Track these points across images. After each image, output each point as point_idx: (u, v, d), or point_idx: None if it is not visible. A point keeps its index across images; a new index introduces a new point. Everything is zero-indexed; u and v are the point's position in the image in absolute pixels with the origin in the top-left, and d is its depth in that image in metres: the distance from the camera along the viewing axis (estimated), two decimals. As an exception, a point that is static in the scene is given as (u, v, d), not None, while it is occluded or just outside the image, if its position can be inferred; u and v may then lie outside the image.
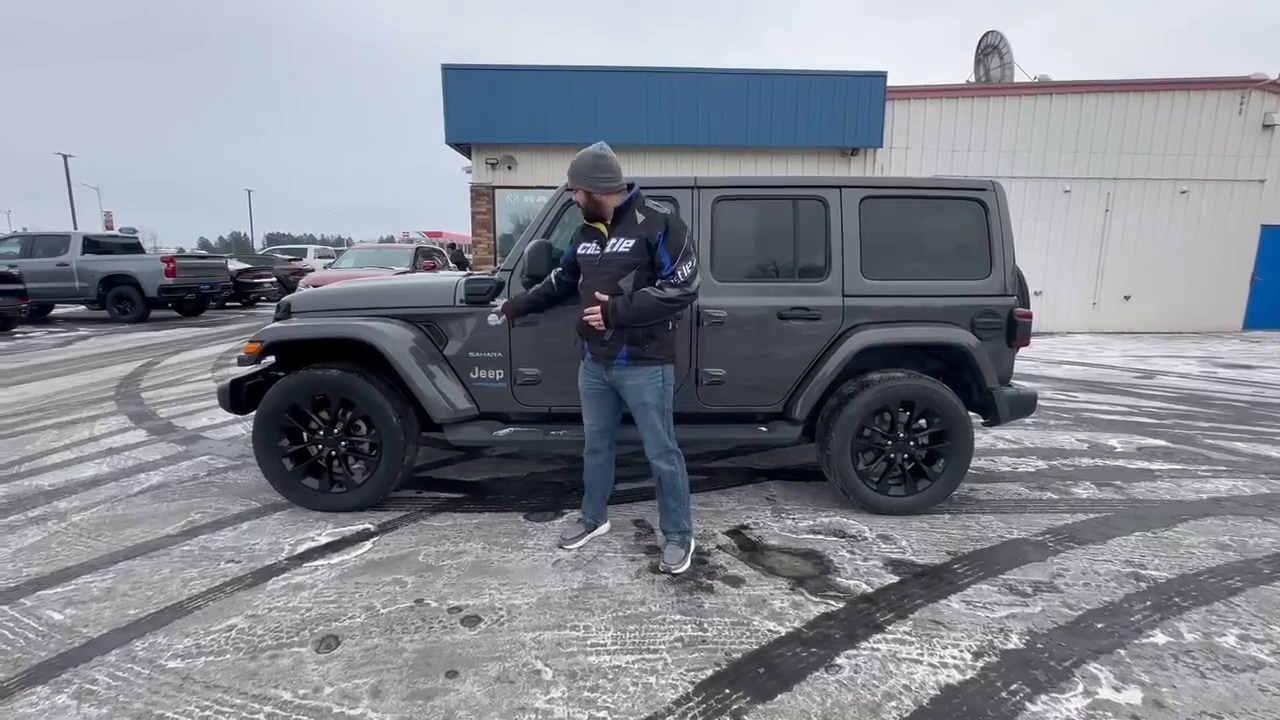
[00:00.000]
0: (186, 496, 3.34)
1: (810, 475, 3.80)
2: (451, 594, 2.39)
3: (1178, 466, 4.05)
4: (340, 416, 3.10)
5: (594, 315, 2.45)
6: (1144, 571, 2.65)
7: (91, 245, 12.66)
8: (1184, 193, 11.72)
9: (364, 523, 3.02)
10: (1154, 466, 4.05)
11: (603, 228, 2.52)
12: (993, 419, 3.24)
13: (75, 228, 27.53)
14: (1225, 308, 12.15)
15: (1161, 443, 4.60)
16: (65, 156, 35.45)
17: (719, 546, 2.84)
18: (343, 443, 3.10)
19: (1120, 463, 4.13)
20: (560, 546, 2.78)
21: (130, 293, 12.26)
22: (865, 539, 2.94)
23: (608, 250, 2.49)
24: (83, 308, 13.40)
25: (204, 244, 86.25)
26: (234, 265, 16.02)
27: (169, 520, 3.04)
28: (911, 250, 3.22)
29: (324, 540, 2.84)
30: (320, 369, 3.03)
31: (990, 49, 14.44)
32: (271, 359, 3.37)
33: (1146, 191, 11.68)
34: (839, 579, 2.57)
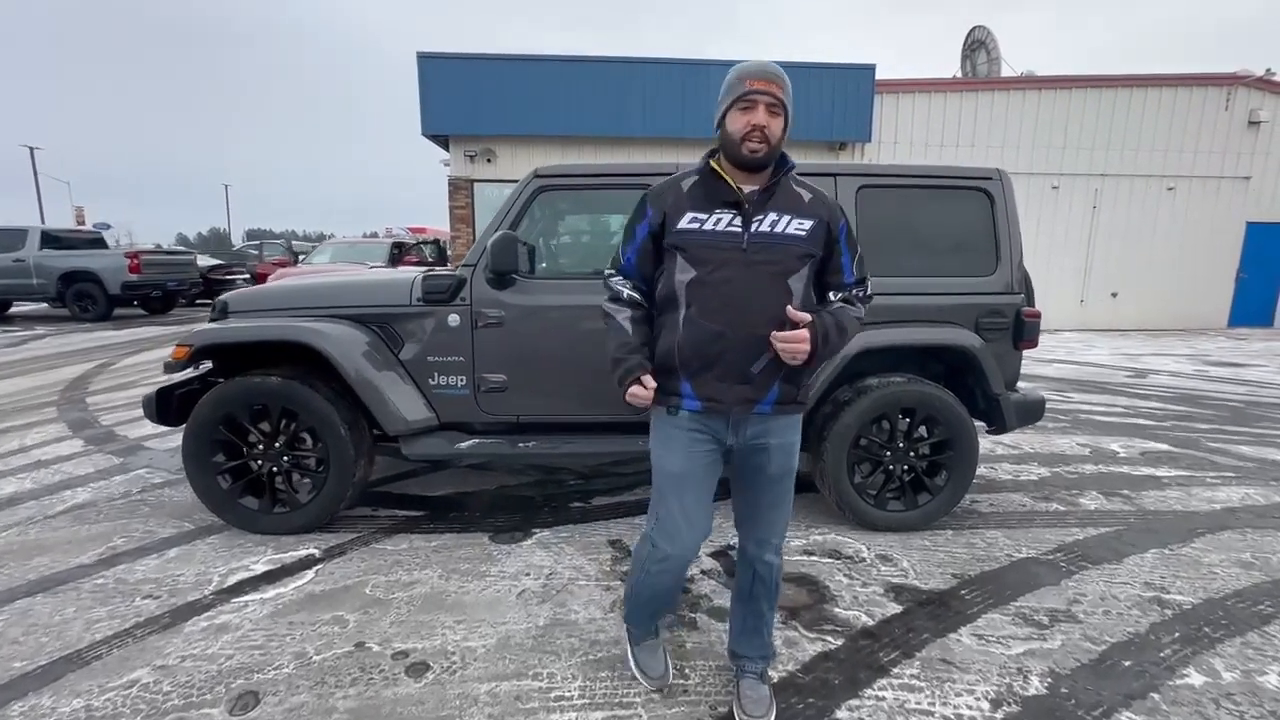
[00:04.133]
0: (112, 518, 3.00)
1: (802, 486, 3.52)
2: (398, 635, 2.10)
3: (1184, 473, 3.85)
4: (283, 429, 2.78)
5: (799, 343, 1.49)
6: (1167, 596, 2.42)
7: (51, 240, 12.11)
8: (1171, 189, 11.66)
9: (309, 547, 2.71)
10: (1160, 473, 3.85)
11: (738, 188, 1.56)
12: (999, 426, 3.00)
13: (43, 222, 26.53)
14: (1211, 305, 12.13)
15: (1164, 447, 4.41)
16: (32, 149, 34.33)
17: (703, 572, 2.57)
18: (285, 458, 2.78)
19: (1125, 469, 3.93)
20: (659, 691, 1.84)
21: (92, 290, 11.72)
22: (863, 560, 2.69)
23: (764, 229, 1.55)
24: (45, 306, 12.84)
25: (182, 240, 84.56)
26: (205, 261, 15.48)
27: (86, 546, 2.70)
28: (911, 244, 2.96)
29: (260, 569, 2.52)
30: (259, 376, 2.71)
31: (977, 44, 14.32)
32: (208, 364, 3.04)
33: (1134, 188, 11.59)
34: (836, 609, 2.31)
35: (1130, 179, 11.56)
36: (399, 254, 11.83)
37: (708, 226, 1.56)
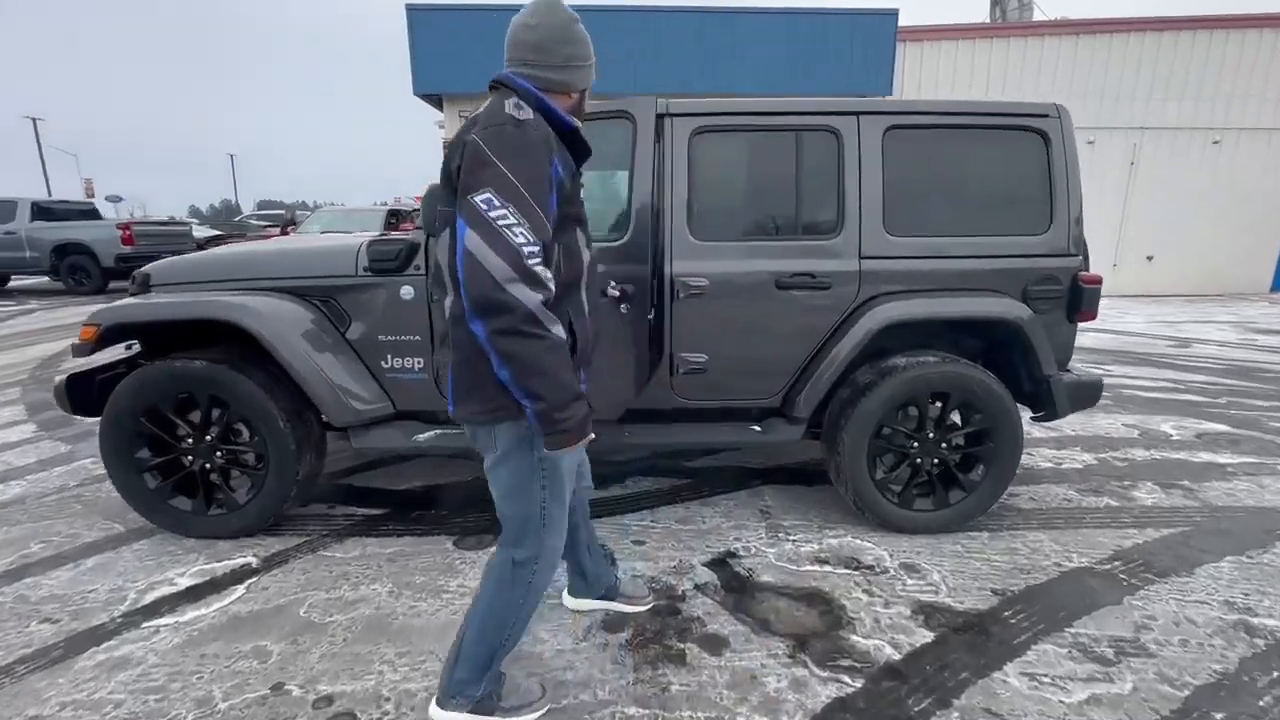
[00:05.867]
0: (37, 518, 2.68)
1: (814, 476, 3.14)
2: (326, 673, 1.75)
3: (1251, 460, 3.40)
4: (216, 420, 2.42)
5: None
6: (1254, 620, 2.01)
7: (42, 212, 11.80)
8: (1216, 143, 10.81)
9: (247, 554, 2.37)
10: (1223, 460, 3.40)
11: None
12: (1048, 413, 2.57)
13: (50, 196, 26.34)
14: (1254, 268, 11.36)
15: (1223, 428, 3.94)
16: (35, 120, 34.00)
17: (697, 586, 2.20)
18: (218, 453, 2.43)
19: (1181, 455, 3.48)
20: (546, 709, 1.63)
21: (85, 262, 11.47)
22: (885, 570, 2.30)
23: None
24: (45, 279, 12.62)
25: (194, 211, 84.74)
26: (203, 232, 15.18)
27: (-3, 554, 2.39)
28: (948, 197, 2.49)
29: (185, 583, 2.19)
30: (182, 360, 2.34)
31: (1008, -13, 13.32)
32: (134, 345, 2.68)
33: (1176, 141, 10.76)
34: (854, 637, 1.93)
35: (1173, 132, 10.72)
36: (395, 221, 11.40)
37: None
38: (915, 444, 2.49)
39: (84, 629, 1.94)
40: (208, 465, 2.44)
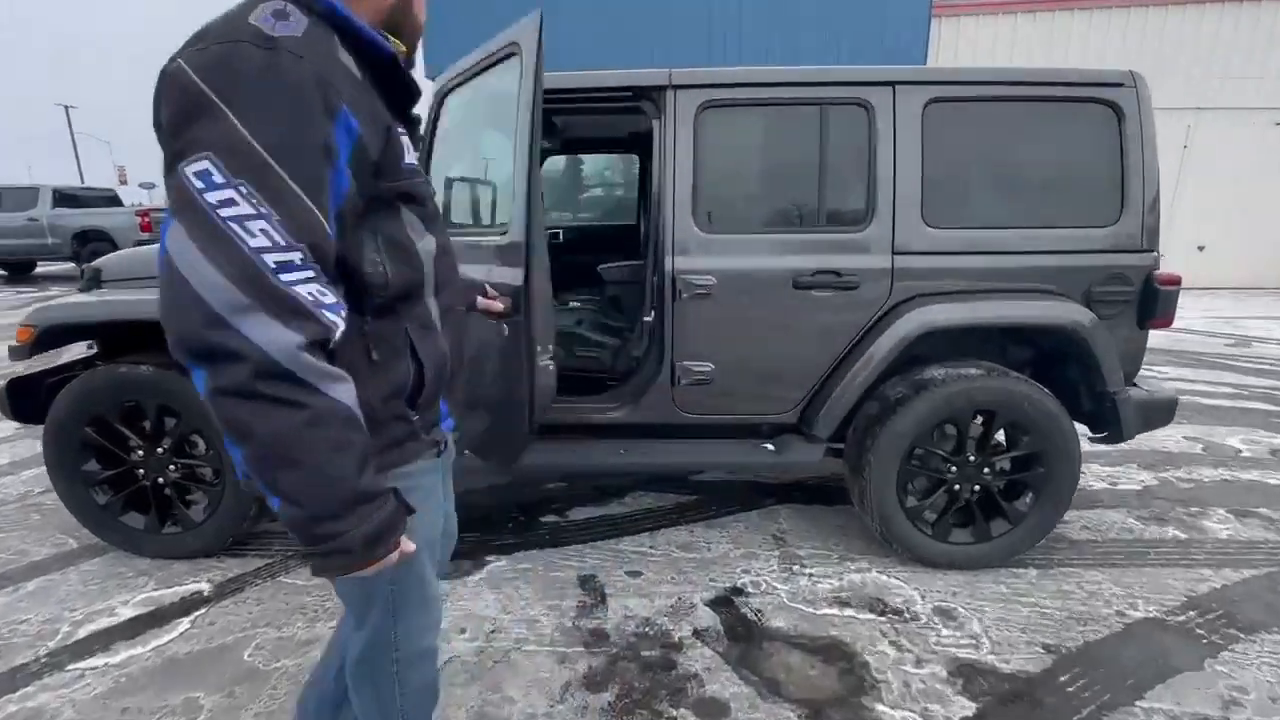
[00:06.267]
0: (-10, 530, 2.51)
1: (835, 495, 2.83)
2: (259, 738, 1.52)
3: (1338, 482, 2.99)
4: (170, 430, 2.20)
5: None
6: (1371, 696, 1.67)
7: (65, 199, 11.89)
8: (1278, 124, 10.05)
9: (200, 580, 2.16)
10: (1304, 482, 3.00)
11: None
12: (1112, 434, 2.21)
13: (82, 182, 26.88)
14: (1316, 259, 10.61)
15: (1300, 442, 3.52)
16: (67, 108, 34.62)
17: (697, 631, 1.92)
18: (171, 467, 2.20)
19: (1254, 475, 3.08)
20: None
21: (106, 249, 11.52)
22: (916, 616, 1.99)
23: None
24: (69, 265, 12.76)
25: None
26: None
27: (-63, 573, 2.21)
28: (1000, 182, 2.15)
29: (126, 614, 1.98)
30: (128, 364, 2.11)
31: (1053, -42, 12.52)
32: (90, 346, 2.46)
33: (1234, 123, 10.02)
34: (880, 706, 1.63)
35: (1230, 112, 9.99)
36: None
37: (411, 163, 0.90)
38: (953, 468, 2.17)
39: (3, 670, 1.73)
40: (160, 480, 2.22)
